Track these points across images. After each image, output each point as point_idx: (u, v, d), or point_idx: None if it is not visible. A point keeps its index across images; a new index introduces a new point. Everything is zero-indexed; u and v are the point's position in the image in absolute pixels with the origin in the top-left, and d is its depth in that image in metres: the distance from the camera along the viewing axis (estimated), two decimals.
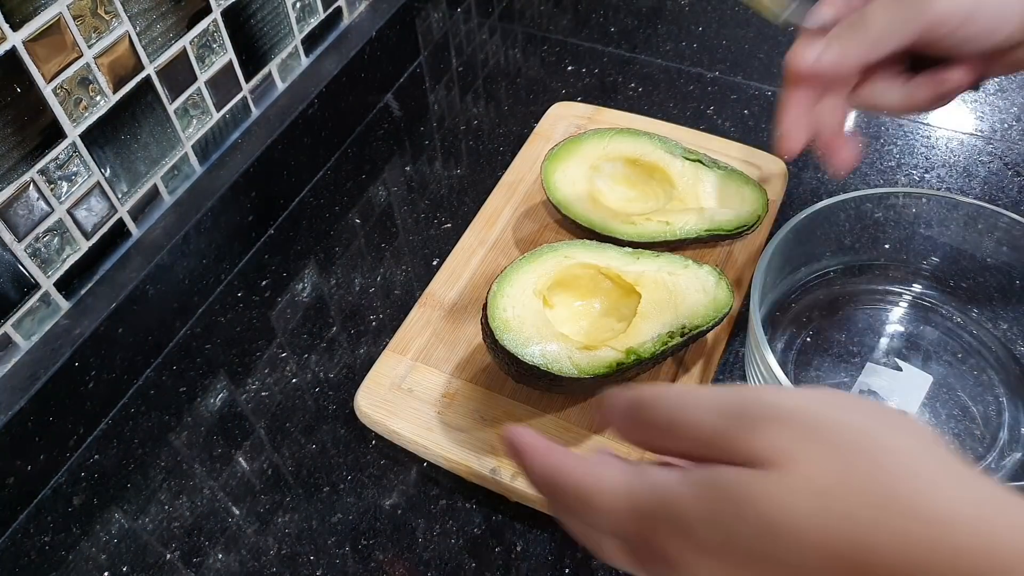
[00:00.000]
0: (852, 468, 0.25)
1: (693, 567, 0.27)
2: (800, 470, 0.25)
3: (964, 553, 0.23)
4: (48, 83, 0.48)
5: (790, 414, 0.26)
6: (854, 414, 0.27)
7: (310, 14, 0.68)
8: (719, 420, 0.27)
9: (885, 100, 0.44)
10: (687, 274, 0.51)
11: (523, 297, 0.50)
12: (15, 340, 0.52)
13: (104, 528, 0.51)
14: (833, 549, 0.24)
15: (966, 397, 0.51)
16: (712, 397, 0.28)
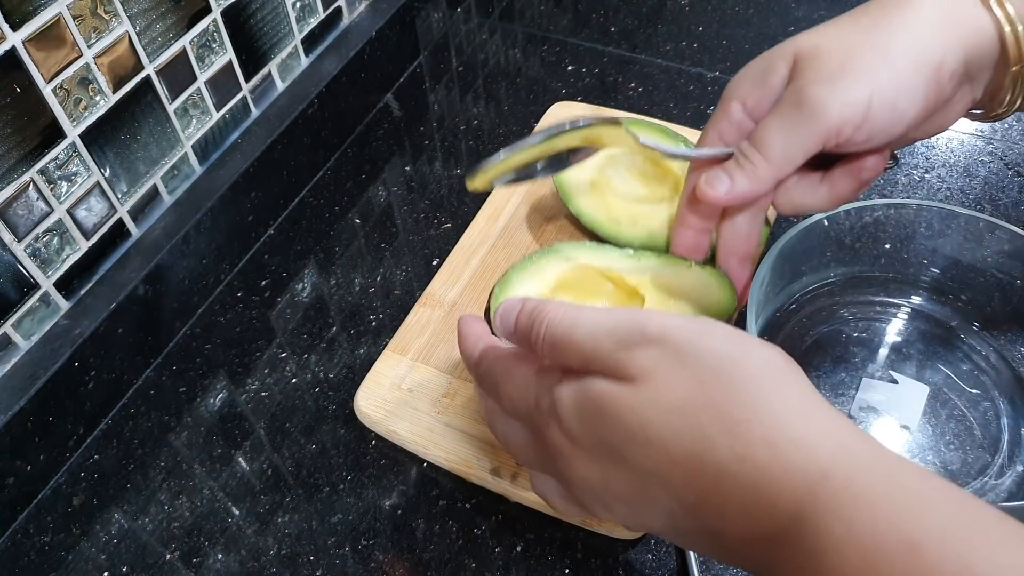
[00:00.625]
0: (708, 390, 0.28)
1: (572, 460, 0.32)
2: (661, 386, 0.29)
3: (793, 470, 0.27)
4: (48, 83, 0.48)
5: (663, 337, 0.30)
6: (723, 343, 0.30)
7: (310, 14, 0.68)
8: (604, 339, 0.31)
9: (810, 202, 0.44)
10: (690, 275, 0.51)
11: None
12: (15, 340, 0.52)
13: (104, 528, 0.51)
14: (681, 459, 0.28)
15: (963, 405, 0.51)
16: (602, 320, 0.32)
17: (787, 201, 0.44)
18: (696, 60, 0.78)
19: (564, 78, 0.77)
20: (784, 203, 0.44)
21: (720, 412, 0.28)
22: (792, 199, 0.44)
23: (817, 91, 0.39)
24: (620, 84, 0.76)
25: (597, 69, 0.78)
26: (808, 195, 0.44)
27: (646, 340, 0.30)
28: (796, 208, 0.44)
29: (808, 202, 0.44)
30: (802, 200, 0.44)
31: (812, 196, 0.44)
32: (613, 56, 0.79)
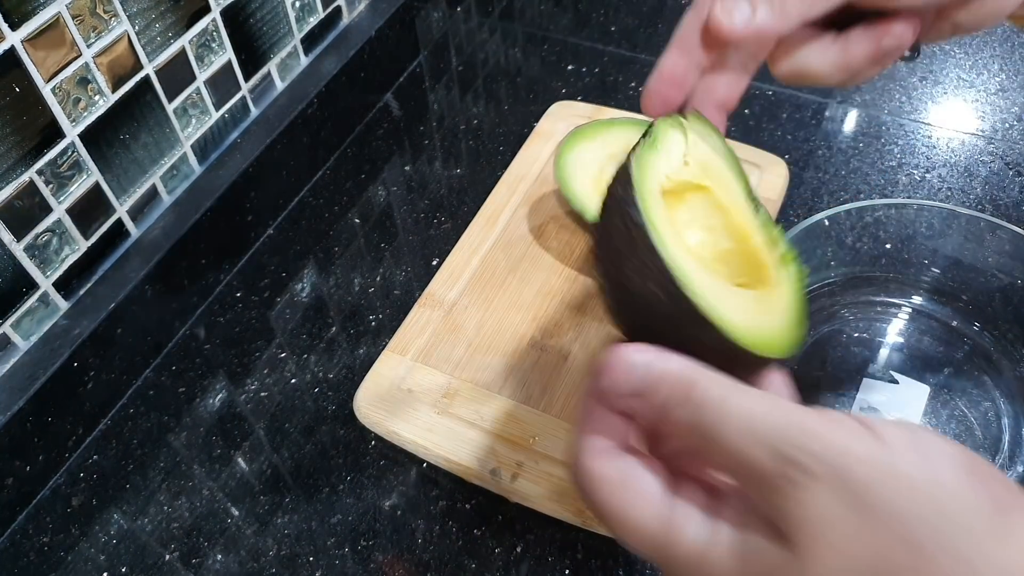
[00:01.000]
0: (898, 565, 0.21)
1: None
2: (832, 558, 0.22)
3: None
4: (47, 82, 0.48)
5: (837, 471, 0.23)
6: (921, 492, 0.22)
7: (309, 13, 0.68)
8: (764, 456, 0.24)
9: (817, 66, 0.36)
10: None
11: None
12: (14, 340, 0.51)
13: (103, 529, 0.51)
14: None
15: (963, 405, 0.51)
16: (760, 413, 0.25)
17: (789, 61, 0.36)
18: None
19: (564, 77, 0.77)
20: (784, 63, 0.36)
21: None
22: (795, 58, 0.36)
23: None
24: (620, 83, 0.76)
25: (597, 68, 0.78)
26: (815, 55, 0.35)
27: (813, 471, 0.23)
28: (797, 70, 0.36)
29: (813, 64, 0.35)
30: (806, 61, 0.36)
31: (820, 57, 0.35)
32: (613, 55, 0.79)
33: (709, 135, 0.36)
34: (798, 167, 0.67)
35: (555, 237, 0.62)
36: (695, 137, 0.36)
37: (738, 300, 0.31)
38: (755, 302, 0.32)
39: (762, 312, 0.32)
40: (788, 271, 0.37)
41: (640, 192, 0.31)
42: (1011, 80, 0.73)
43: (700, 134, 0.36)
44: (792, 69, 0.36)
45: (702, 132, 0.36)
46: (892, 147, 0.68)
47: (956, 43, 0.77)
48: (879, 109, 0.71)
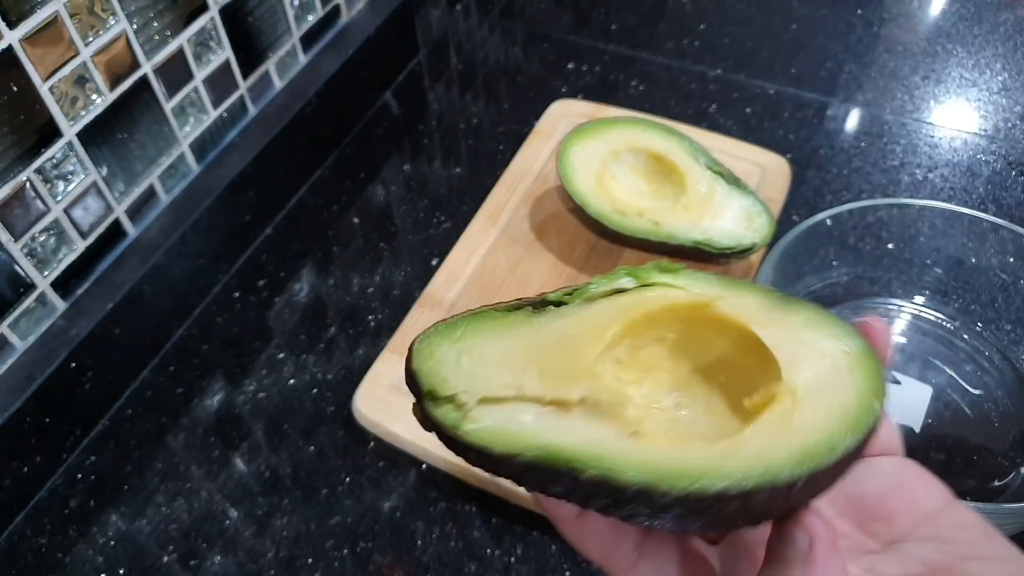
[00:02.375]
0: None
1: None
2: None
3: None
4: (44, 81, 0.47)
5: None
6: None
7: (308, 12, 0.68)
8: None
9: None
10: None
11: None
12: (11, 341, 0.51)
13: (101, 530, 0.51)
14: None
15: (965, 406, 0.51)
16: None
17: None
18: (698, 58, 0.77)
19: (565, 76, 0.77)
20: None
21: None
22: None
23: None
24: (621, 82, 0.76)
25: (598, 67, 0.78)
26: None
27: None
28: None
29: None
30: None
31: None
32: (614, 54, 0.79)
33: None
34: (800, 166, 0.66)
35: (555, 237, 0.61)
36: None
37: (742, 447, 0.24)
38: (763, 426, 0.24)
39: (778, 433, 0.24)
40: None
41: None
42: (1014, 79, 0.73)
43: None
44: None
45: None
46: (894, 146, 0.68)
47: (959, 41, 0.77)
48: (881, 108, 0.71)
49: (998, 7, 0.80)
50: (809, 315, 0.26)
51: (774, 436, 0.23)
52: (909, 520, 0.26)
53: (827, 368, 0.25)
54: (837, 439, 0.23)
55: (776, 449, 0.23)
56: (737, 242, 0.56)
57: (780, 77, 0.74)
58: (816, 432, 0.23)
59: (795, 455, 0.23)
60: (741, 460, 0.23)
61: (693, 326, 0.28)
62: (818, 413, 0.24)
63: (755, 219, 0.57)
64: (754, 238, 0.56)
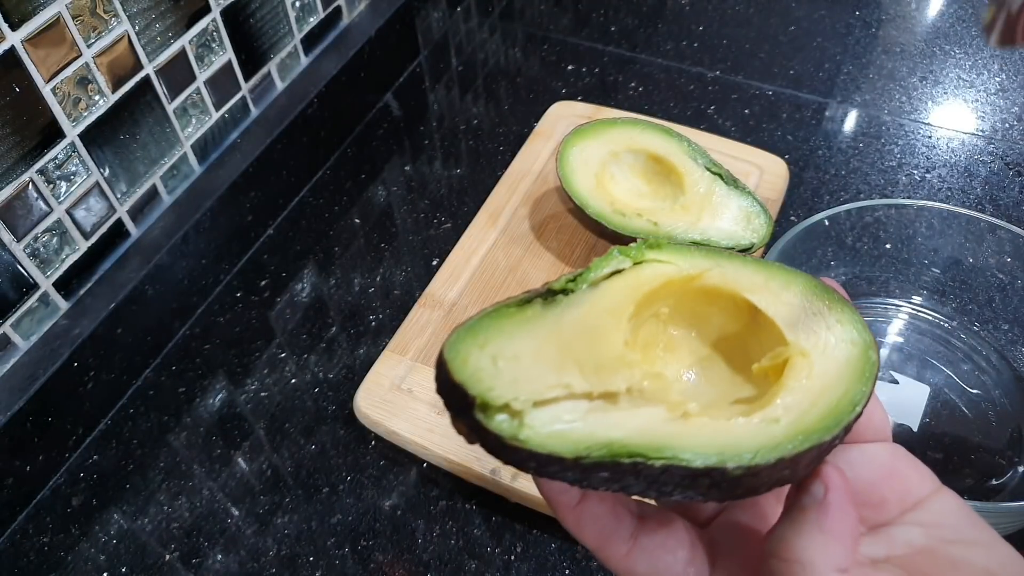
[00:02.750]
0: None
1: None
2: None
3: None
4: (47, 83, 0.48)
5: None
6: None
7: (309, 13, 0.68)
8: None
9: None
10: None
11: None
12: (14, 340, 0.51)
13: (103, 529, 0.51)
14: None
15: (963, 405, 0.51)
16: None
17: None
18: (696, 60, 0.78)
19: (564, 77, 0.77)
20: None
21: None
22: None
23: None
24: (620, 84, 0.76)
25: (597, 69, 0.78)
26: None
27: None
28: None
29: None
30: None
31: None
32: (613, 56, 0.79)
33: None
34: (798, 167, 0.67)
35: (555, 237, 0.62)
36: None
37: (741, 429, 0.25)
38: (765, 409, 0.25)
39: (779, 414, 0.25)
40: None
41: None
42: (1011, 80, 0.73)
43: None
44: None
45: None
46: (892, 147, 0.68)
47: (956, 42, 0.77)
48: (879, 109, 0.71)
49: None
50: (783, 275, 0.28)
51: (805, 399, 0.25)
52: (898, 506, 0.27)
53: (820, 325, 0.27)
54: (855, 393, 0.25)
55: (811, 412, 0.25)
56: (736, 242, 0.56)
57: (778, 78, 0.75)
58: (838, 388, 0.25)
59: (829, 414, 0.24)
60: (788, 428, 0.24)
61: (684, 298, 0.29)
62: (831, 370, 0.25)
63: (753, 219, 0.57)
64: (752, 238, 0.56)
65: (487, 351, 0.25)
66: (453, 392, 0.24)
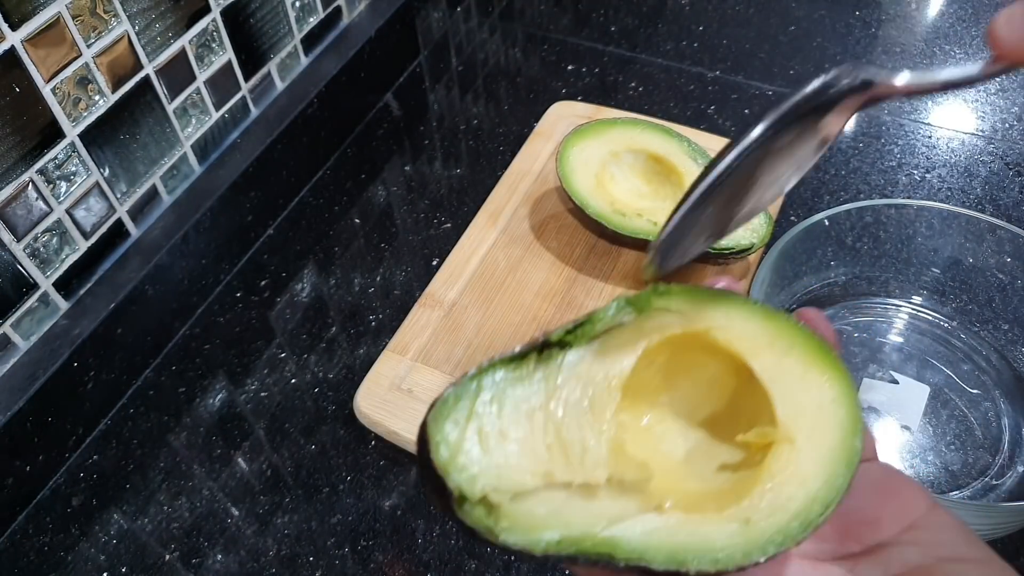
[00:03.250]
0: None
1: None
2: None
3: None
4: (47, 83, 0.48)
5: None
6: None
7: (309, 13, 0.68)
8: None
9: None
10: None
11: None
12: (14, 340, 0.51)
13: (103, 529, 0.51)
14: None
15: (963, 405, 0.51)
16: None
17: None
18: (696, 60, 0.78)
19: (564, 78, 0.77)
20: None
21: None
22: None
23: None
24: (620, 84, 0.76)
25: (597, 69, 0.78)
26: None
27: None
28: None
29: None
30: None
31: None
32: (613, 56, 0.79)
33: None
34: None
35: (555, 237, 0.62)
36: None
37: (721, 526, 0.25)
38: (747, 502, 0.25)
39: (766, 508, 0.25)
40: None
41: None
42: (1011, 80, 0.73)
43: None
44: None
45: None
46: (892, 147, 0.68)
47: (956, 42, 0.77)
48: (879, 109, 0.71)
49: (995, 8, 0.80)
50: (789, 335, 0.27)
51: (781, 495, 0.25)
52: (894, 525, 0.27)
53: (814, 405, 0.26)
54: (832, 491, 0.25)
55: (785, 510, 0.24)
56: (735, 242, 0.56)
57: (778, 78, 0.75)
58: (816, 481, 0.25)
59: (802, 513, 0.24)
60: (757, 534, 0.24)
61: (683, 346, 0.29)
62: (814, 459, 0.25)
63: (753, 219, 0.57)
64: (752, 239, 0.56)
65: (472, 425, 0.24)
66: (433, 476, 0.24)
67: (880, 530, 0.27)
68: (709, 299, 0.28)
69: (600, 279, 0.59)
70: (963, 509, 0.40)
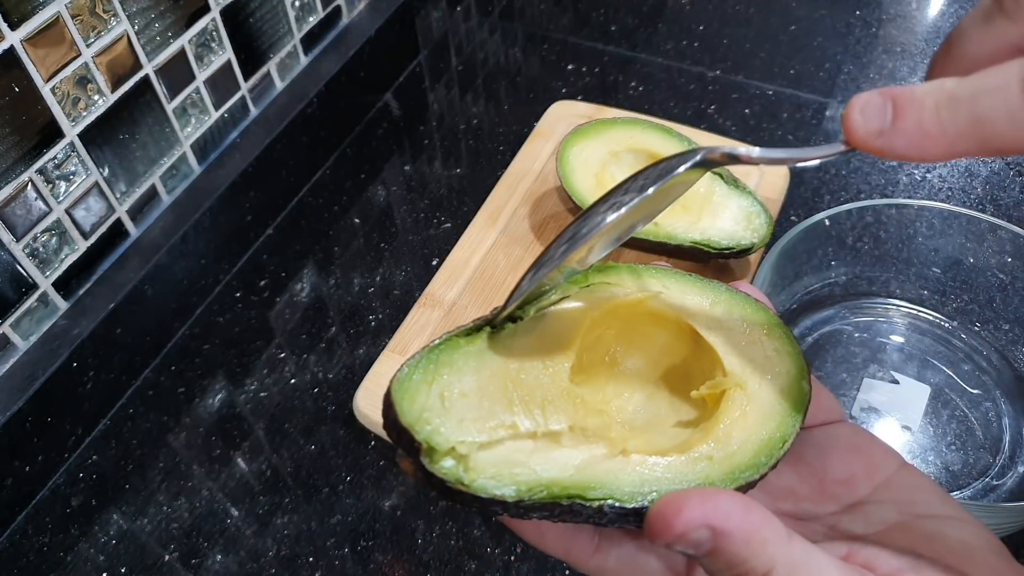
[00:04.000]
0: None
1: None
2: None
3: None
4: (46, 82, 0.48)
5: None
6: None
7: (309, 13, 0.68)
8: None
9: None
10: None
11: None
12: (13, 340, 0.51)
13: (103, 529, 0.51)
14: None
15: (964, 405, 0.51)
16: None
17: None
18: (697, 59, 0.77)
19: (564, 77, 0.77)
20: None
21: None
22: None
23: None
24: (620, 83, 0.76)
25: (597, 68, 0.78)
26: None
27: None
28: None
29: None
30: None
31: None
32: (613, 55, 0.79)
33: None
34: (798, 167, 0.67)
35: (555, 236, 0.62)
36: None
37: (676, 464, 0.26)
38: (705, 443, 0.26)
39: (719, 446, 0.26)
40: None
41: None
42: None
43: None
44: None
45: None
46: None
47: None
48: None
49: None
50: (727, 299, 0.29)
51: (739, 435, 0.26)
52: (867, 482, 0.27)
53: (760, 355, 0.27)
54: (787, 427, 0.26)
55: (744, 448, 0.26)
56: (736, 242, 0.56)
57: (779, 78, 0.75)
58: (771, 422, 0.26)
59: (760, 450, 0.26)
60: (720, 466, 0.25)
61: (630, 319, 0.30)
62: (766, 402, 0.27)
63: (754, 219, 0.57)
64: (753, 238, 0.56)
65: (434, 388, 0.25)
66: (401, 434, 0.24)
67: (854, 488, 0.27)
68: (646, 273, 0.30)
69: None
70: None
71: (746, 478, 0.25)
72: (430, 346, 0.26)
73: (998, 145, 0.20)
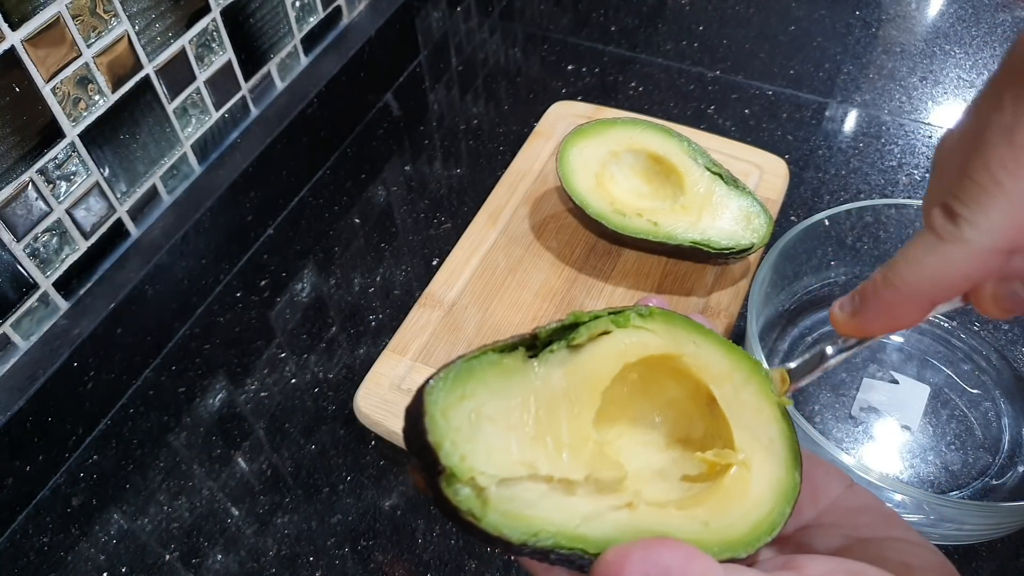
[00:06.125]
0: None
1: None
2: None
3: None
4: (47, 82, 0.48)
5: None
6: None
7: (309, 13, 0.68)
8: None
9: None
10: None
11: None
12: (14, 340, 0.51)
13: (103, 529, 0.51)
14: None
15: (963, 405, 0.51)
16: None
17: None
18: (696, 59, 0.78)
19: (564, 77, 0.77)
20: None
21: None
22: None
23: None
24: (620, 83, 0.76)
25: (597, 68, 0.78)
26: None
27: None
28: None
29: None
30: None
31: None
32: (613, 55, 0.79)
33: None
34: (798, 167, 0.67)
35: (555, 237, 0.62)
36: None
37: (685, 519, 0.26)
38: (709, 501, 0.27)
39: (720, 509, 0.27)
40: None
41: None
42: None
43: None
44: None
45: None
46: (892, 147, 0.68)
47: (956, 43, 0.77)
48: (879, 109, 0.71)
49: (996, 8, 0.80)
50: (747, 368, 0.30)
51: (737, 511, 0.27)
52: (811, 507, 0.28)
53: (766, 438, 0.28)
54: (778, 516, 0.27)
55: (738, 525, 0.27)
56: (735, 242, 0.56)
57: (778, 78, 0.75)
58: (765, 506, 0.27)
59: (751, 532, 0.27)
60: (714, 535, 0.26)
61: (655, 367, 0.30)
62: (764, 485, 0.28)
63: (753, 219, 0.57)
64: (752, 238, 0.56)
65: (465, 406, 0.25)
66: (423, 450, 0.24)
67: (799, 515, 0.28)
68: (682, 325, 0.30)
69: (600, 279, 0.59)
70: (963, 509, 0.40)
71: (732, 554, 0.26)
72: (466, 357, 0.26)
73: (939, 301, 0.26)
